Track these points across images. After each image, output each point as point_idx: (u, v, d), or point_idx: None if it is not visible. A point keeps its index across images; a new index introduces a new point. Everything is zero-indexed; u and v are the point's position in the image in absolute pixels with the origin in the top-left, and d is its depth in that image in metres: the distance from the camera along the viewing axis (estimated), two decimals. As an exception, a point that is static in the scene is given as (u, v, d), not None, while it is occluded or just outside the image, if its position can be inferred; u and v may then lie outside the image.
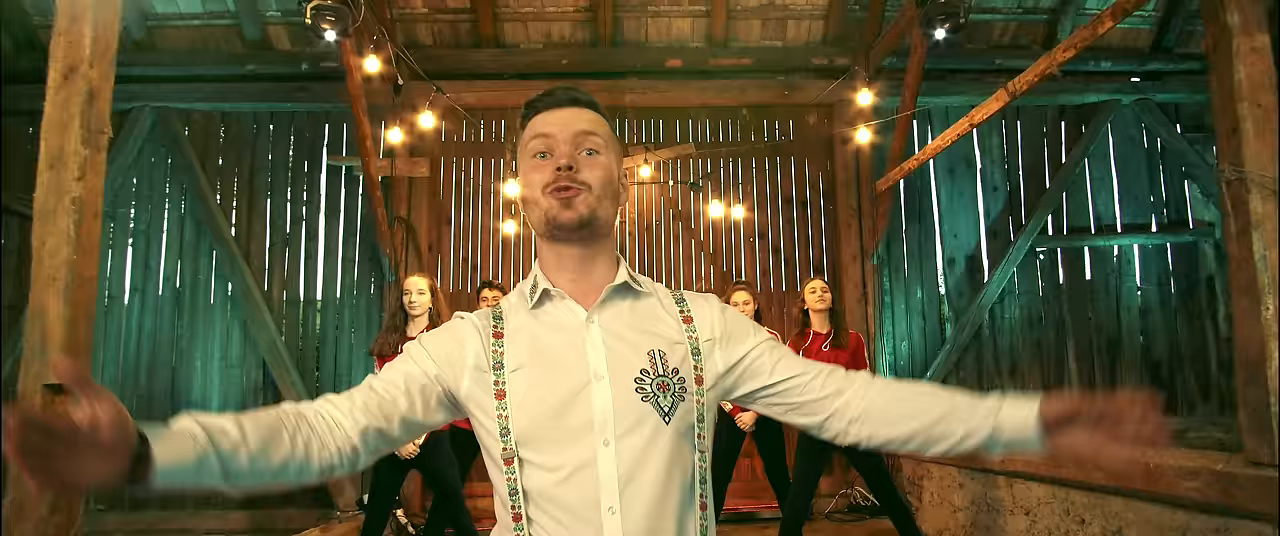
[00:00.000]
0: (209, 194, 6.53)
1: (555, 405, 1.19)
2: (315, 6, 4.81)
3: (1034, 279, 6.74)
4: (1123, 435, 1.08)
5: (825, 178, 6.81)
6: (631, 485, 1.17)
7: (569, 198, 1.25)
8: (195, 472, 0.99)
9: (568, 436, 1.18)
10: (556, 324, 1.28)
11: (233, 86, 6.63)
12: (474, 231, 6.71)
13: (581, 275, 1.31)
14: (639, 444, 1.18)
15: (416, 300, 4.23)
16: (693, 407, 1.24)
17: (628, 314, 1.30)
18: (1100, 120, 6.83)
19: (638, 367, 1.23)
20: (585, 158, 1.28)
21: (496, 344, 1.27)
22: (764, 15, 6.81)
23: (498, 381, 1.23)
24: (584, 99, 1.34)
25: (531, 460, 1.19)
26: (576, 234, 1.27)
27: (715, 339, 1.32)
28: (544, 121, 1.30)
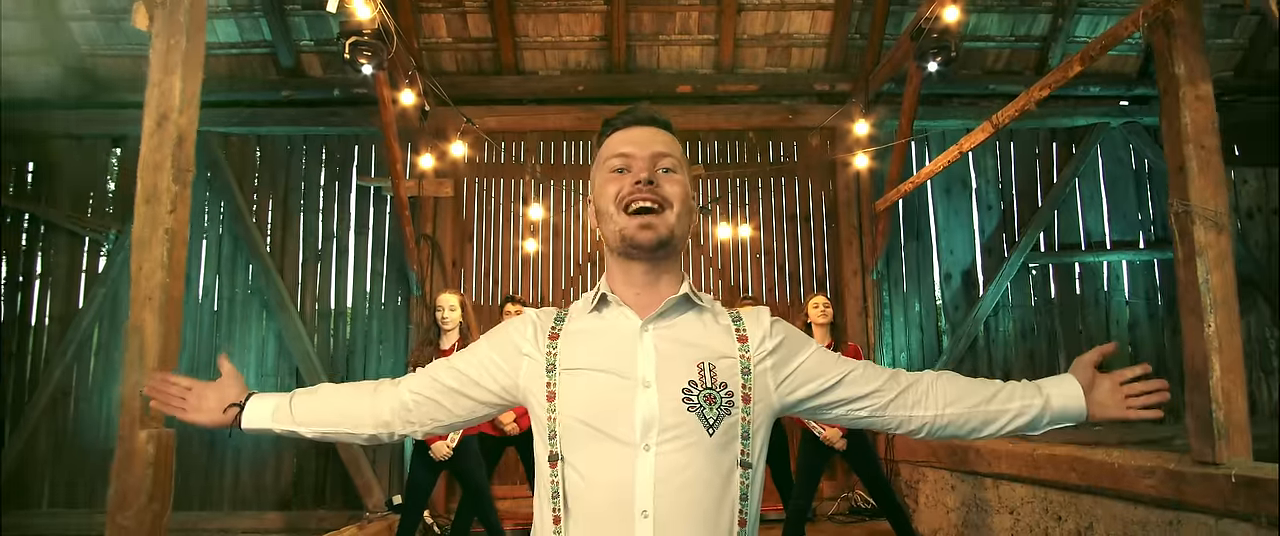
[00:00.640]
0: (246, 212, 6.94)
1: (602, 408, 1.23)
2: (352, 42, 5.21)
3: (1027, 293, 7.09)
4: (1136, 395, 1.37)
5: (827, 197, 7.18)
6: (667, 491, 1.19)
7: (650, 222, 1.28)
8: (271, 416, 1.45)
9: (610, 439, 1.22)
10: (612, 329, 1.32)
11: (268, 111, 7.04)
12: (495, 248, 7.10)
13: (645, 289, 1.34)
14: (679, 451, 1.20)
15: (448, 316, 4.61)
16: (738, 423, 1.26)
17: (682, 326, 1.33)
18: (1090, 142, 7.18)
19: (686, 378, 1.25)
20: (663, 175, 1.32)
21: (552, 345, 1.33)
22: (769, 43, 7.20)
23: (550, 382, 1.29)
24: (661, 120, 1.40)
25: (574, 463, 1.24)
26: (651, 253, 1.31)
27: (768, 351, 1.34)
28: (623, 139, 1.35)
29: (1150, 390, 1.39)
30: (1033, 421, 1.38)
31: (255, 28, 6.96)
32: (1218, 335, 2.93)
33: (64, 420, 6.76)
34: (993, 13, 7.02)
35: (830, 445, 4.67)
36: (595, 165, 1.40)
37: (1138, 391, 1.40)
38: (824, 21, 7.07)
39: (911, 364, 6.93)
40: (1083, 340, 7.02)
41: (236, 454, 6.71)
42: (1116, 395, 1.40)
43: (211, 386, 1.49)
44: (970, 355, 6.96)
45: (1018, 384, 1.40)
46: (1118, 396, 1.40)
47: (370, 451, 6.63)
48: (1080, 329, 7.03)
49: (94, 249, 7.02)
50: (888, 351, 6.89)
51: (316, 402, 1.46)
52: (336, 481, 6.68)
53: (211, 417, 1.47)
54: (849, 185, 7.08)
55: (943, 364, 6.86)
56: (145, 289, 2.79)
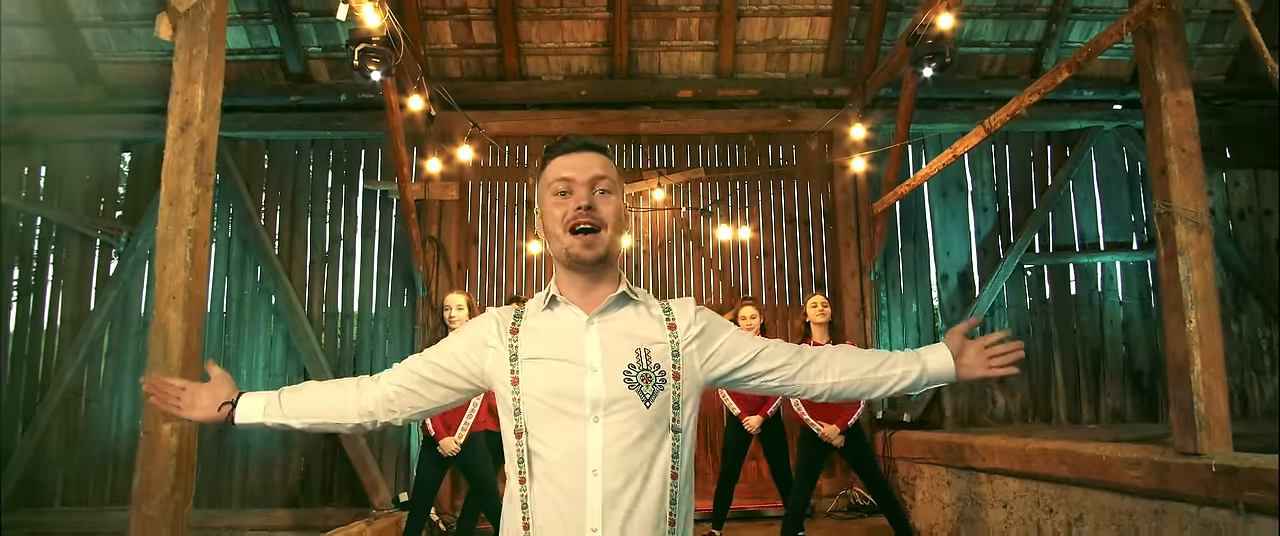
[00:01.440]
0: (254, 216, 7.07)
1: (556, 389, 1.48)
2: (361, 49, 5.33)
3: (1022, 294, 7.20)
4: (997, 356, 1.65)
5: (826, 199, 7.30)
6: (612, 454, 1.44)
7: (590, 241, 1.51)
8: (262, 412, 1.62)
9: (565, 414, 1.46)
10: (563, 324, 1.56)
11: (277, 116, 7.18)
12: (499, 250, 7.22)
13: (588, 291, 1.57)
14: (621, 421, 1.45)
15: (456, 315, 4.73)
16: (670, 396, 1.51)
17: (621, 319, 1.57)
18: (1084, 145, 7.31)
19: (626, 362, 1.49)
20: (600, 197, 1.54)
21: (513, 339, 1.56)
22: (768, 49, 7.33)
23: (514, 370, 1.53)
24: (596, 145, 1.60)
25: (536, 433, 1.48)
26: (593, 268, 1.55)
27: (693, 336, 1.59)
28: (564, 164, 1.55)
29: (1008, 350, 1.67)
30: (913, 383, 1.66)
31: (264, 34, 7.09)
32: (1198, 331, 3.05)
33: (75, 419, 6.87)
34: (987, 18, 7.15)
35: (829, 442, 4.79)
36: (541, 186, 1.60)
37: (999, 353, 1.66)
38: (822, 27, 7.20)
39: (909, 363, 7.03)
40: (1077, 340, 7.13)
41: (245, 452, 6.83)
42: (981, 356, 1.67)
43: (204, 386, 1.66)
44: (966, 355, 7.06)
45: (901, 352, 1.67)
46: (982, 358, 1.67)
47: (376, 449, 6.75)
48: (1075, 328, 7.15)
49: (105, 251, 7.14)
50: (885, 351, 6.99)
51: (303, 398, 1.65)
52: (344, 479, 6.80)
53: (206, 414, 1.63)
54: (847, 188, 7.20)
55: (939, 363, 6.96)
56: (169, 288, 2.91)
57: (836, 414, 4.92)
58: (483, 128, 7.09)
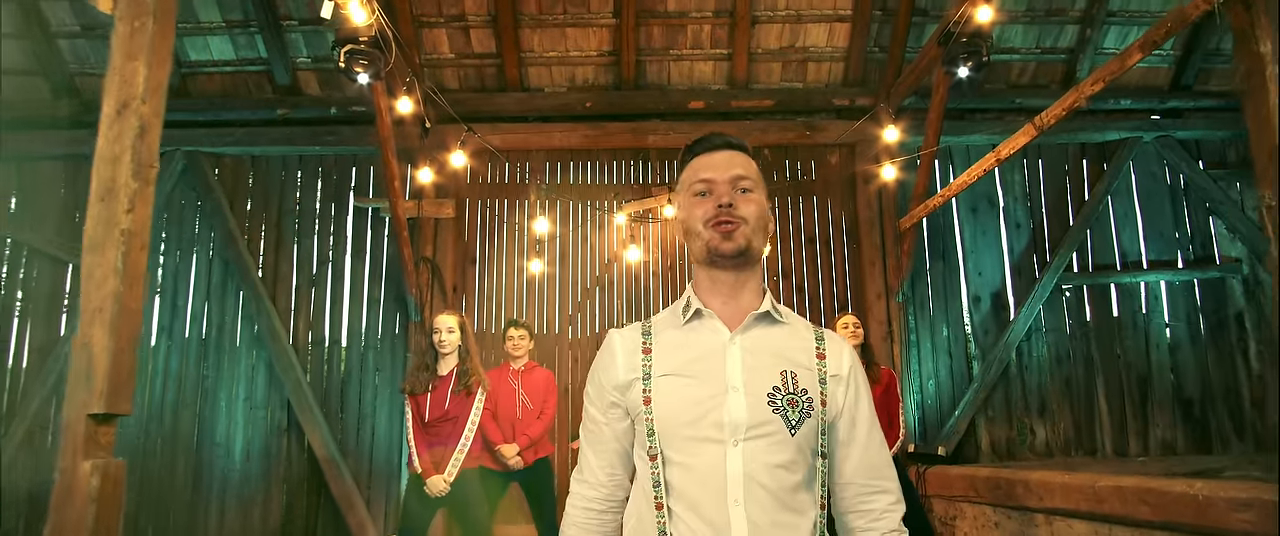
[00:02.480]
0: (238, 236, 6.61)
1: (695, 409, 1.39)
2: (348, 51, 4.92)
3: (1061, 316, 6.69)
4: None
5: (848, 217, 6.83)
6: (754, 482, 1.34)
7: (729, 231, 1.44)
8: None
9: (703, 437, 1.37)
10: (703, 339, 1.47)
11: (263, 130, 6.75)
12: (499, 272, 6.75)
13: (731, 299, 1.49)
14: (764, 448, 1.36)
15: (446, 339, 4.25)
16: (817, 424, 1.42)
17: (766, 338, 1.48)
18: (1122, 157, 6.84)
19: (770, 384, 1.40)
20: (741, 196, 1.47)
21: (646, 358, 1.48)
22: (785, 57, 6.91)
23: (646, 389, 1.44)
24: (737, 144, 1.54)
25: (672, 458, 1.39)
26: (732, 262, 1.46)
27: (841, 377, 1.49)
28: (704, 164, 1.50)
29: None
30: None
31: (250, 44, 6.69)
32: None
33: (42, 455, 6.36)
34: (1017, 23, 6.73)
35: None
36: (680, 187, 1.55)
37: None
38: (841, 34, 6.79)
39: (940, 391, 6.52)
40: (1121, 365, 6.60)
41: (222, 491, 6.31)
42: None
43: None
44: (1002, 382, 6.55)
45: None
46: None
47: (364, 487, 6.23)
48: (1118, 353, 6.62)
49: (78, 275, 6.67)
50: (915, 379, 6.49)
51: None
52: (328, 519, 6.26)
53: None
54: (870, 204, 6.73)
55: (974, 391, 6.45)
56: (96, 299, 2.43)
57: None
58: (483, 141, 6.66)
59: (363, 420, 6.44)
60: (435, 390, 4.16)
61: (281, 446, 6.39)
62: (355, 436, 6.41)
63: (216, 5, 6.50)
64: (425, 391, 4.16)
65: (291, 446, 6.39)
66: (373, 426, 6.41)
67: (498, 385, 5.12)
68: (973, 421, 6.47)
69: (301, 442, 6.37)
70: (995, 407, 6.53)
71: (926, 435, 6.39)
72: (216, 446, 6.38)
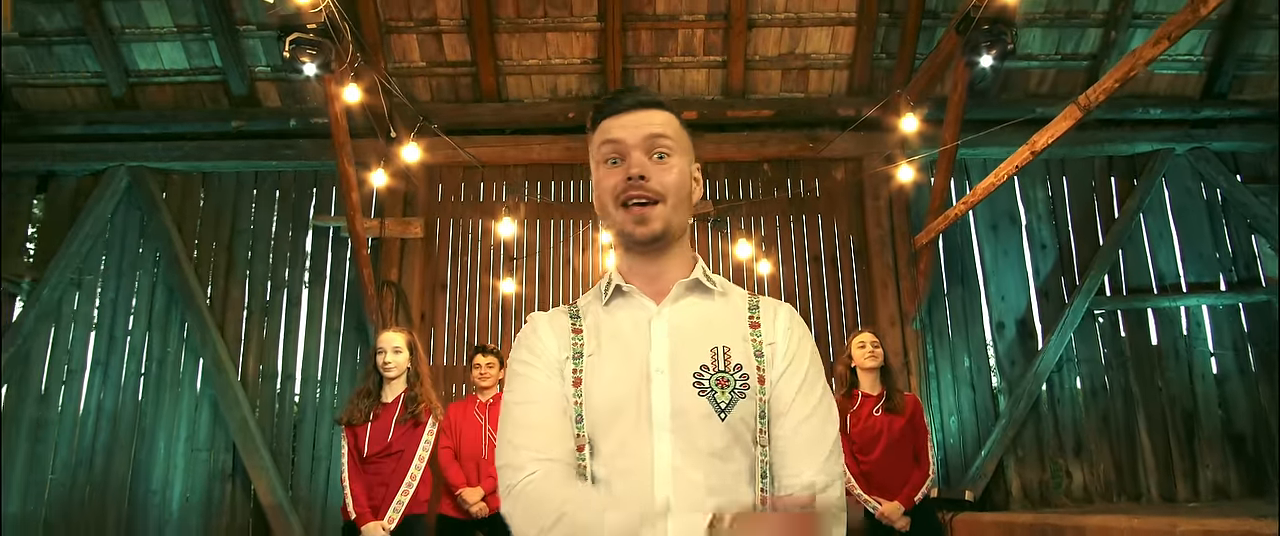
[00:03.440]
0: (184, 259, 5.99)
1: (618, 396, 1.25)
2: (294, 40, 4.36)
3: (1094, 344, 6.04)
4: None
5: (857, 235, 6.22)
6: (682, 475, 1.20)
7: (643, 214, 1.28)
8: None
9: (629, 426, 1.23)
10: (626, 318, 1.33)
11: (215, 144, 6.17)
12: (471, 297, 6.11)
13: (655, 277, 1.35)
14: (692, 436, 1.22)
15: (391, 360, 3.61)
16: (754, 404, 1.26)
17: (696, 309, 1.34)
18: (1153, 171, 6.27)
19: (697, 364, 1.26)
20: (656, 163, 1.30)
21: (577, 337, 1.33)
22: (784, 65, 6.38)
23: (576, 370, 1.29)
24: (650, 100, 1.35)
25: (599, 448, 1.24)
26: (651, 247, 1.32)
27: (777, 344, 1.32)
28: (613, 126, 1.32)
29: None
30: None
31: (205, 52, 6.16)
32: None
33: (-47, 506, 5.64)
34: (1036, 26, 6.21)
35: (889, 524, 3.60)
36: (590, 152, 1.38)
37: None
38: (845, 39, 6.26)
39: (964, 429, 5.84)
40: (1164, 399, 5.93)
41: (155, 546, 5.57)
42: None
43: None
44: (1033, 418, 5.87)
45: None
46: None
47: None
48: (1160, 385, 5.96)
49: (9, 302, 6.04)
50: (936, 415, 5.81)
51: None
52: (274, 579, 5.52)
53: None
54: (881, 222, 6.13)
55: (1001, 429, 5.77)
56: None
57: (897, 486, 3.73)
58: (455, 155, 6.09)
59: (316, 463, 5.74)
60: (377, 420, 3.50)
61: (224, 493, 5.67)
62: (308, 481, 5.71)
63: (167, 9, 5.98)
64: (365, 421, 3.50)
65: (236, 493, 5.68)
66: (327, 470, 5.71)
67: (461, 420, 4.46)
68: (1001, 462, 5.78)
69: (247, 489, 5.66)
70: (1025, 447, 5.84)
71: (949, 478, 5.70)
72: (152, 494, 5.66)
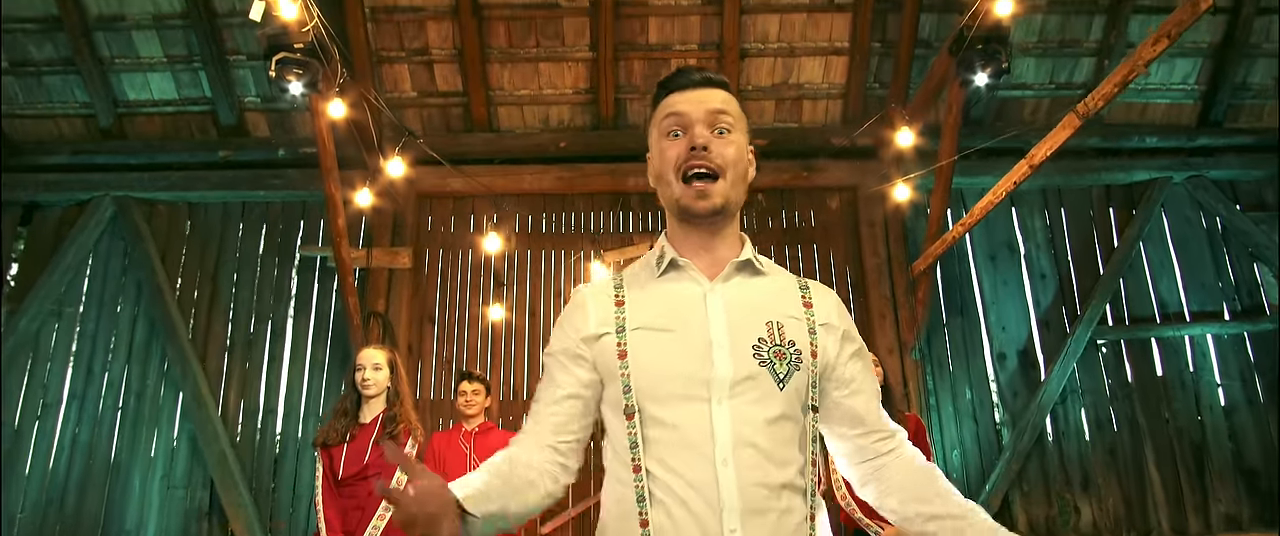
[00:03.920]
0: (167, 291, 5.86)
1: (675, 364, 1.28)
2: (280, 59, 4.31)
3: (1098, 375, 5.90)
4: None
5: (853, 265, 6.12)
6: (744, 441, 1.24)
7: (704, 189, 1.33)
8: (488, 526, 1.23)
9: (685, 393, 1.27)
10: (681, 291, 1.36)
11: (202, 174, 6.09)
12: (459, 329, 5.97)
13: (707, 250, 1.39)
14: (752, 404, 1.27)
15: (371, 377, 3.46)
16: (807, 377, 1.32)
17: (748, 288, 1.38)
18: (1151, 200, 6.20)
19: (755, 335, 1.30)
20: (718, 137, 1.36)
21: (619, 310, 1.36)
22: (778, 95, 6.36)
23: (620, 343, 1.32)
24: (716, 79, 1.42)
25: (652, 414, 1.28)
26: (708, 221, 1.36)
27: (831, 325, 1.40)
28: (678, 100, 1.39)
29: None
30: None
31: (194, 82, 6.12)
32: None
33: (-83, 547, 5.42)
34: (1029, 56, 6.21)
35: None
36: (651, 124, 1.46)
37: None
38: (839, 69, 6.25)
39: (966, 462, 5.66)
40: (1171, 431, 5.77)
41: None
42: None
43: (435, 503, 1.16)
44: (1037, 451, 5.70)
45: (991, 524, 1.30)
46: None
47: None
48: (1167, 417, 5.80)
49: None
50: (938, 448, 5.63)
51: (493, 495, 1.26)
52: (250, 622, 5.28)
53: None
54: (877, 250, 6.04)
55: (1005, 462, 5.59)
56: None
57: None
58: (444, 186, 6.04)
59: (298, 500, 5.54)
60: (353, 441, 3.33)
61: (200, 531, 5.45)
62: (288, 518, 5.49)
63: (158, 40, 5.95)
64: (341, 442, 3.33)
65: (212, 531, 5.46)
66: (308, 507, 5.50)
67: (445, 449, 4.29)
68: (1006, 497, 5.59)
69: (224, 527, 5.44)
70: (1031, 481, 5.65)
71: (954, 513, 5.49)
72: (125, 534, 5.44)
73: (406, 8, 5.92)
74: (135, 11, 5.78)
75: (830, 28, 6.11)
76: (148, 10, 5.79)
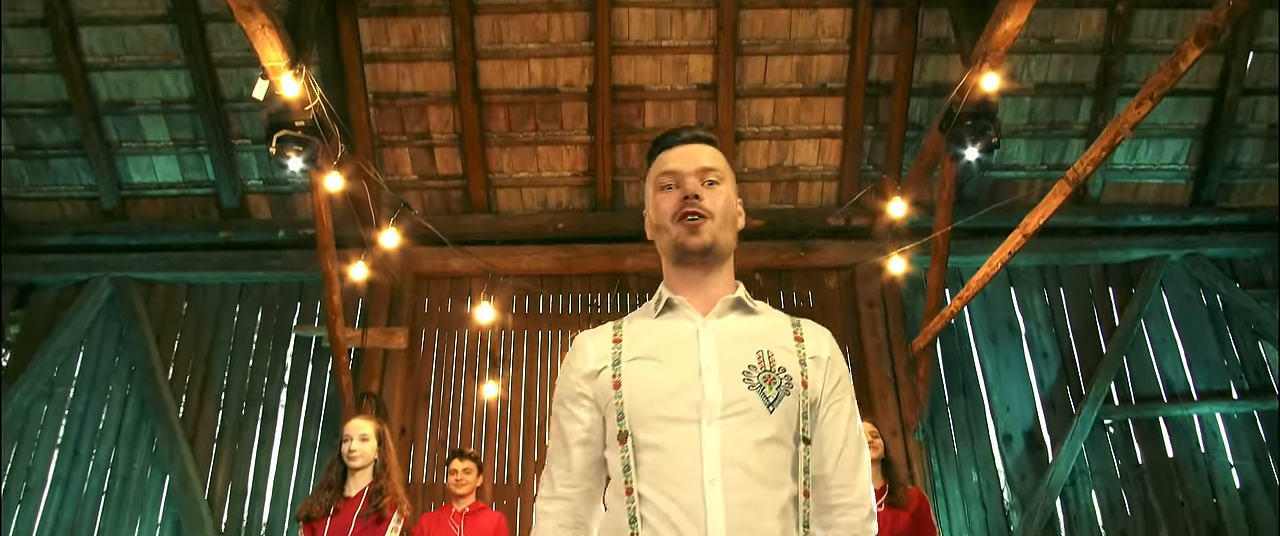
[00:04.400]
0: (159, 372, 5.80)
1: (666, 389, 1.34)
2: (281, 137, 4.38)
3: (1107, 456, 5.75)
4: None
5: (852, 345, 6.06)
6: (732, 463, 1.27)
7: (696, 226, 1.41)
8: None
9: (676, 416, 1.32)
10: (675, 327, 1.44)
11: (202, 255, 6.12)
12: (454, 411, 5.88)
13: (702, 292, 1.47)
14: (742, 427, 1.30)
15: (357, 448, 3.39)
16: (797, 405, 1.36)
17: (740, 324, 1.45)
18: (1150, 278, 6.19)
19: (745, 362, 1.36)
20: (707, 188, 1.46)
21: (616, 347, 1.43)
22: (773, 177, 6.45)
23: (615, 374, 1.39)
24: (705, 137, 1.54)
25: (643, 439, 1.32)
26: (700, 258, 1.45)
27: (821, 360, 1.43)
28: (670, 157, 1.50)
29: None
30: None
31: (199, 165, 6.23)
32: None
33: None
34: (1019, 138, 6.31)
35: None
36: (647, 181, 1.55)
37: None
38: (832, 152, 6.36)
39: (976, 548, 5.46)
40: (1186, 514, 5.58)
41: None
42: None
43: None
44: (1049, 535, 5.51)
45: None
46: None
47: None
48: (1181, 499, 5.62)
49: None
50: (945, 534, 5.45)
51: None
52: None
53: None
54: (876, 330, 6.00)
55: (1016, 547, 5.40)
56: None
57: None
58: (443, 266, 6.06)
59: (282, 590, 5.33)
60: (338, 515, 3.23)
61: (178, 625, 5.23)
62: (270, 610, 5.28)
63: (165, 124, 6.09)
64: (325, 515, 3.23)
65: (194, 624, 5.24)
66: (292, 598, 5.29)
67: (435, 530, 4.16)
68: (1015, 583, 5.37)
69: (202, 620, 5.22)
70: (1043, 568, 5.45)
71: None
72: (100, 626, 5.22)
73: (409, 93, 6.07)
74: (144, 96, 5.93)
75: (823, 111, 6.25)
76: (156, 95, 5.94)
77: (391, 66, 6.02)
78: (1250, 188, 6.43)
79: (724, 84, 6.04)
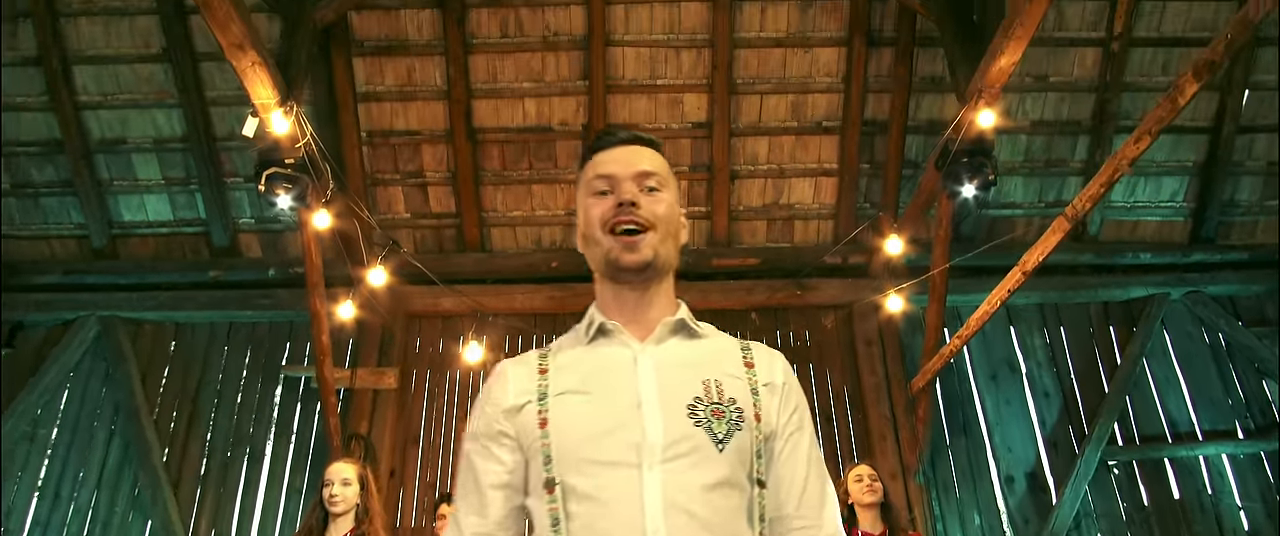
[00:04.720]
0: (144, 412, 5.68)
1: (600, 429, 1.17)
2: (271, 174, 4.35)
3: (1112, 498, 5.63)
4: None
5: (851, 384, 5.97)
6: (677, 511, 1.11)
7: (632, 242, 1.26)
8: None
9: (611, 460, 1.15)
10: (609, 355, 1.28)
11: (191, 294, 6.04)
12: (446, 452, 5.76)
13: (639, 314, 1.31)
14: (687, 470, 1.14)
15: (339, 493, 3.29)
16: (750, 441, 1.21)
17: (682, 349, 1.29)
18: (1151, 316, 6.11)
19: (691, 394, 1.20)
20: (647, 195, 1.30)
21: (542, 378, 1.26)
22: (769, 215, 6.40)
23: (541, 411, 1.22)
24: (645, 138, 1.38)
25: (574, 486, 1.15)
26: (638, 276, 1.29)
27: (775, 386, 1.28)
28: (605, 160, 1.34)
29: None
30: None
31: (190, 203, 6.18)
32: None
33: None
34: (1016, 175, 6.29)
35: None
36: (579, 187, 1.39)
37: None
38: (828, 190, 6.32)
39: (980, 595, 5.31)
40: (1196, 559, 5.44)
41: None
42: None
43: None
44: (1055, 582, 5.36)
45: None
46: None
47: None
48: (1190, 544, 5.48)
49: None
50: (947, 578, 5.31)
51: None
52: None
53: None
54: (875, 369, 5.91)
55: (1022, 594, 5.25)
56: None
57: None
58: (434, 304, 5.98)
59: (264, 640, 5.16)
60: (317, 561, 3.12)
61: None
62: (252, 661, 5.11)
63: (157, 162, 6.06)
64: (303, 564, 3.12)
65: None
66: (275, 648, 5.12)
67: (421, 577, 4.02)
68: (1020, 632, 5.21)
69: None
70: (1051, 615, 5.29)
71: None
72: None
73: (402, 131, 6.05)
74: (137, 134, 5.91)
75: (818, 149, 6.22)
76: (149, 133, 5.91)
77: (385, 105, 6.01)
78: (1250, 225, 6.39)
79: (719, 122, 6.02)
